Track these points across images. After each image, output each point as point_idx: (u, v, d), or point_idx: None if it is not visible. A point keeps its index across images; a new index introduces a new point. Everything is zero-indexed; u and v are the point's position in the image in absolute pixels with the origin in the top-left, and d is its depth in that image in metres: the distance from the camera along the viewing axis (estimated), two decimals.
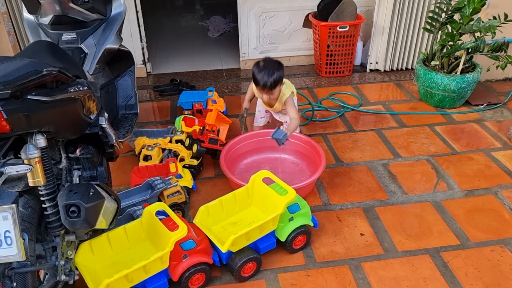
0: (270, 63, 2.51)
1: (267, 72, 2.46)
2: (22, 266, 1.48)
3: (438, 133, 3.10)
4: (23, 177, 1.55)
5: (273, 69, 2.46)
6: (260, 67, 2.49)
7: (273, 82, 2.47)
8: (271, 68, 2.47)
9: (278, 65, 2.51)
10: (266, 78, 2.46)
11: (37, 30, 2.43)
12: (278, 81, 2.49)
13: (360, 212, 2.38)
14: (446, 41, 3.21)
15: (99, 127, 1.99)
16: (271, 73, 2.46)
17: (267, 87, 2.49)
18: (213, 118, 2.81)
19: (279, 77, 2.48)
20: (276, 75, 2.47)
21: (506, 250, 2.13)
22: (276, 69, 2.48)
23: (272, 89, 2.51)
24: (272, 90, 2.52)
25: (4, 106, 1.32)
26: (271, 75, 2.46)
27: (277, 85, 2.50)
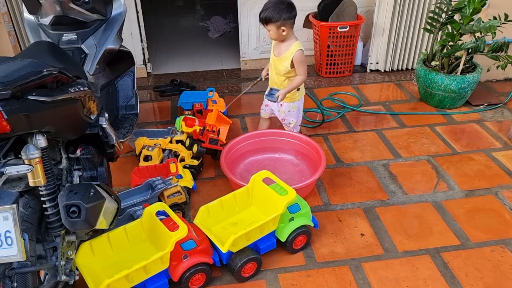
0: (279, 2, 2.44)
1: (266, 6, 2.44)
2: (22, 266, 1.48)
3: (439, 133, 3.10)
4: (23, 178, 1.55)
5: (274, 7, 2.41)
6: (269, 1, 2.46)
7: (264, 19, 2.44)
8: (274, 5, 2.42)
9: (284, 7, 2.42)
10: (263, 12, 2.44)
11: (38, 30, 2.43)
12: (268, 19, 2.43)
13: (361, 213, 2.38)
14: (447, 41, 3.21)
15: (99, 127, 1.99)
16: (266, 8, 2.43)
17: (260, 20, 2.47)
18: (213, 119, 2.80)
19: (271, 16, 2.41)
20: (270, 13, 2.41)
21: (506, 251, 2.13)
22: (276, 9, 2.41)
23: (264, 24, 2.47)
24: (268, 26, 2.46)
25: (5, 107, 1.33)
26: (265, 11, 2.42)
27: (268, 23, 2.45)
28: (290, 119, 2.74)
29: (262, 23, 2.49)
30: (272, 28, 2.47)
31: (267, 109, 2.84)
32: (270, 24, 2.45)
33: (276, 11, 2.41)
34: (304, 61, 2.55)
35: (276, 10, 2.42)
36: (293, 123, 2.76)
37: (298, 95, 2.67)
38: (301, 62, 2.53)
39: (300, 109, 2.74)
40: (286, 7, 2.43)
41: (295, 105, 2.70)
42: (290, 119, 2.74)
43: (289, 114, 2.72)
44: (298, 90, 2.65)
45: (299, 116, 2.77)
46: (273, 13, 2.41)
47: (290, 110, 2.71)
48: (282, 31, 2.47)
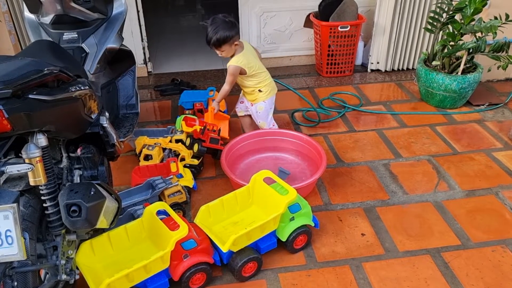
0: (220, 21, 2.52)
1: (213, 30, 2.50)
2: (23, 265, 1.48)
3: (439, 133, 3.10)
4: (24, 177, 1.55)
5: (219, 28, 2.49)
6: (209, 22, 2.54)
7: (216, 41, 2.51)
8: (218, 26, 2.50)
9: (229, 25, 2.52)
10: (210, 35, 2.51)
11: (38, 29, 2.43)
12: (222, 40, 2.51)
13: (361, 212, 2.38)
14: (447, 41, 3.21)
15: (100, 126, 1.99)
16: (216, 31, 2.49)
17: (211, 44, 2.54)
18: (211, 117, 2.81)
19: (223, 37, 2.50)
20: (221, 34, 2.49)
21: (507, 251, 2.12)
22: (223, 28, 2.49)
23: (217, 47, 2.55)
24: (219, 48, 2.56)
25: (5, 106, 1.33)
26: (215, 33, 2.49)
27: (221, 44, 2.53)
28: (258, 120, 2.85)
29: (216, 46, 2.55)
30: (226, 47, 2.56)
31: (241, 106, 2.93)
32: (225, 44, 2.54)
33: (227, 30, 2.50)
34: (232, 75, 2.65)
35: (226, 29, 2.51)
36: (262, 124, 2.84)
37: (260, 96, 2.76)
38: (229, 74, 2.66)
39: (267, 111, 2.81)
40: (231, 23, 2.55)
41: (261, 105, 2.78)
42: (258, 120, 2.84)
43: (257, 115, 2.83)
44: (260, 91, 2.75)
45: (268, 118, 2.84)
46: (226, 32, 2.50)
47: (258, 111, 2.80)
48: (235, 45, 2.59)
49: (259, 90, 2.73)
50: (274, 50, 4.11)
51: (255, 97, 2.76)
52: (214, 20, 2.54)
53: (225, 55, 2.63)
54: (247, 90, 2.78)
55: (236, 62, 2.61)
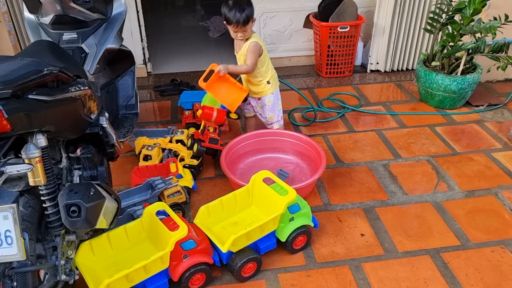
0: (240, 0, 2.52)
1: (238, 9, 2.48)
2: (22, 265, 1.48)
3: (439, 133, 3.10)
4: (23, 177, 1.55)
5: (243, 5, 2.49)
6: (230, 5, 2.51)
7: (246, 18, 2.49)
8: (241, 4, 2.49)
9: (248, 1, 2.53)
10: (238, 15, 2.48)
11: (38, 29, 2.43)
12: (250, 15, 2.51)
13: (361, 213, 2.38)
14: (447, 42, 3.21)
15: (99, 127, 1.98)
16: (242, 9, 2.48)
17: (241, 23, 2.49)
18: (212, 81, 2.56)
19: (250, 12, 2.51)
20: (248, 10, 2.49)
21: (506, 251, 2.13)
22: (246, 4, 2.50)
23: (246, 24, 2.51)
24: (246, 26, 2.52)
25: (5, 106, 1.32)
26: (243, 11, 2.48)
27: (249, 20, 2.52)
28: (267, 113, 2.80)
29: (243, 24, 2.51)
30: (250, 25, 2.54)
31: (249, 108, 2.90)
32: (249, 21, 2.52)
33: (247, 6, 2.49)
34: (254, 52, 2.58)
35: (248, 5, 2.50)
36: (271, 117, 2.81)
37: (268, 88, 2.73)
38: (251, 52, 2.58)
39: (275, 103, 2.78)
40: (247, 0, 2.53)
41: (270, 98, 2.75)
42: (267, 113, 2.80)
43: (265, 109, 2.79)
44: (268, 83, 2.71)
45: (277, 110, 2.81)
46: (248, 9, 2.50)
47: (266, 104, 2.77)
48: (253, 24, 2.57)
49: (267, 82, 2.70)
50: (274, 51, 4.12)
51: (262, 89, 2.72)
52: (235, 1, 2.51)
53: (246, 35, 2.58)
54: (255, 80, 2.70)
55: (256, 38, 2.60)
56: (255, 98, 2.80)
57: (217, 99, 2.67)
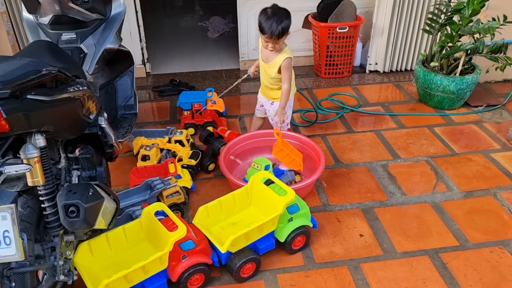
0: (279, 10, 2.43)
1: (275, 20, 2.36)
2: (20, 266, 1.48)
3: (437, 134, 3.10)
4: (22, 177, 1.55)
5: (282, 17, 2.38)
6: (269, 14, 2.40)
7: (282, 30, 2.38)
8: (280, 15, 2.38)
9: (287, 13, 2.43)
10: (274, 26, 2.36)
11: (37, 29, 2.43)
12: (286, 29, 2.41)
13: (359, 213, 2.38)
14: (446, 43, 3.22)
15: (98, 127, 1.98)
16: (280, 20, 2.37)
17: (275, 35, 2.38)
18: (280, 145, 2.54)
19: (287, 26, 2.40)
20: (285, 23, 2.38)
21: (505, 251, 2.13)
22: (285, 16, 2.40)
23: (280, 37, 2.41)
24: (279, 39, 2.42)
25: (4, 106, 1.32)
26: (280, 23, 2.36)
27: (284, 34, 2.42)
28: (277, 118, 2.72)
29: (277, 37, 2.40)
30: (284, 38, 2.45)
31: (261, 109, 2.87)
32: (285, 34, 2.42)
33: (285, 18, 2.39)
34: (289, 68, 2.54)
35: (284, 17, 2.39)
36: None
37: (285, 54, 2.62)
38: (286, 68, 2.53)
39: (289, 108, 2.76)
40: (288, 12, 2.44)
41: None
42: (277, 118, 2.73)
43: None
44: None
45: (289, 115, 2.79)
46: (286, 21, 2.39)
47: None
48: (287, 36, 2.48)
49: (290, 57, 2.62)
50: None
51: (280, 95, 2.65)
52: (273, 10, 2.41)
53: (277, 47, 2.49)
54: (275, 86, 2.66)
55: (289, 53, 2.52)
56: (269, 101, 2.75)
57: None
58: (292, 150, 2.55)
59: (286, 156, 2.51)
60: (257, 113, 2.90)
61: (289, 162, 2.52)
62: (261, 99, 2.82)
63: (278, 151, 2.52)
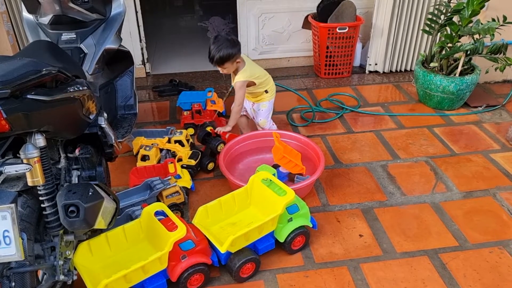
0: (223, 39, 2.53)
1: (216, 48, 2.50)
2: (20, 266, 1.48)
3: (437, 134, 3.10)
4: (22, 177, 1.55)
5: (222, 46, 2.50)
6: (213, 41, 2.54)
7: (219, 59, 2.52)
8: (221, 44, 2.50)
9: (231, 43, 2.53)
10: (213, 53, 2.52)
11: (37, 29, 2.43)
12: (225, 58, 2.52)
13: (359, 213, 2.38)
14: (445, 43, 3.22)
15: (98, 127, 1.98)
16: (219, 49, 2.49)
17: (214, 61, 2.55)
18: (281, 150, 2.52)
19: (226, 55, 2.51)
20: (223, 52, 2.50)
21: (504, 252, 2.13)
22: (226, 46, 2.50)
23: (220, 64, 2.56)
24: (221, 66, 2.57)
25: (4, 106, 1.32)
26: (219, 51, 2.50)
27: (224, 62, 2.54)
28: (259, 118, 2.86)
29: (218, 63, 2.56)
30: (228, 65, 2.57)
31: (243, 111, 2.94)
32: (227, 62, 2.55)
33: (230, 48, 2.51)
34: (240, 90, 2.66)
35: (229, 47, 2.51)
36: (263, 122, 2.86)
37: (266, 96, 2.80)
38: (237, 89, 2.67)
39: (269, 110, 2.85)
40: (233, 41, 2.56)
41: (265, 104, 2.82)
42: (259, 118, 2.86)
43: (259, 113, 2.84)
44: (266, 92, 2.79)
45: (269, 117, 2.87)
46: (228, 50, 2.51)
47: (261, 108, 2.83)
48: (237, 63, 2.60)
49: (265, 91, 2.77)
50: (272, 52, 4.12)
51: (261, 97, 2.80)
52: (216, 38, 2.55)
53: (226, 72, 2.65)
54: (253, 95, 2.81)
55: (243, 77, 2.64)
56: (250, 102, 2.86)
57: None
58: (290, 151, 2.55)
59: (288, 162, 2.53)
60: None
61: (291, 167, 2.53)
62: None
63: (280, 158, 2.52)
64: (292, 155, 2.54)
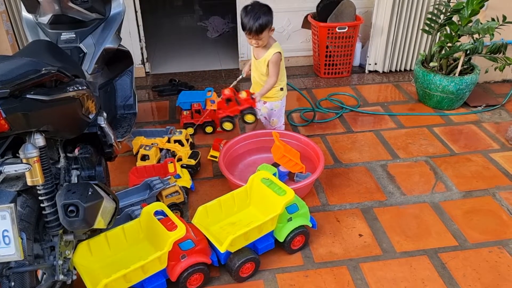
0: (258, 6, 2.44)
1: (253, 16, 2.39)
2: (20, 265, 1.48)
3: (437, 134, 3.10)
4: (21, 177, 1.55)
5: (259, 13, 2.39)
6: (247, 10, 2.43)
7: (259, 27, 2.39)
8: (257, 11, 2.40)
9: (267, 9, 2.44)
10: (252, 22, 2.38)
11: (36, 29, 2.42)
12: (264, 25, 2.41)
13: (359, 213, 2.39)
14: (445, 43, 3.22)
15: (97, 126, 1.98)
16: (257, 17, 2.39)
17: (253, 31, 2.41)
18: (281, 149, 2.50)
19: (266, 22, 2.41)
20: (263, 19, 2.39)
21: (504, 251, 2.13)
22: (263, 13, 2.41)
23: (259, 33, 2.42)
24: (259, 35, 2.43)
25: (3, 105, 1.32)
26: (257, 19, 2.38)
27: (263, 30, 2.42)
28: (271, 118, 2.79)
29: (255, 33, 2.43)
30: (265, 34, 2.46)
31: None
32: (265, 30, 2.43)
33: (263, 14, 2.40)
34: (277, 63, 2.54)
35: (267, 13, 2.42)
36: (275, 122, 2.81)
37: (280, 94, 2.71)
38: (274, 63, 2.53)
39: (282, 109, 2.78)
40: (268, 7, 2.46)
41: (277, 104, 2.74)
42: (272, 118, 2.79)
43: (271, 113, 2.78)
44: (281, 90, 2.70)
45: (281, 116, 2.82)
46: (263, 17, 2.40)
47: (273, 108, 2.76)
48: (272, 31, 2.50)
49: (280, 89, 2.68)
50: None
51: (274, 94, 2.68)
52: (249, 7, 2.43)
53: (261, 43, 2.49)
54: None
55: (278, 48, 2.53)
56: (261, 100, 2.73)
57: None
58: (289, 150, 2.55)
59: (288, 161, 2.53)
60: None
61: (291, 166, 2.53)
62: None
63: (279, 157, 2.52)
64: (291, 154, 2.54)
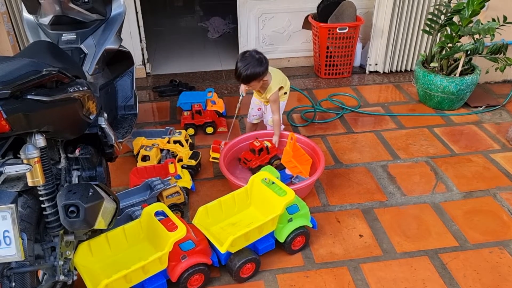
0: (251, 56, 2.50)
1: (244, 66, 2.48)
2: (20, 266, 1.48)
3: (437, 134, 3.10)
4: (22, 177, 1.55)
5: (250, 65, 2.47)
6: (242, 58, 2.51)
7: (246, 77, 2.50)
8: (249, 62, 2.47)
9: (259, 62, 2.50)
10: (241, 71, 2.49)
11: (37, 30, 2.43)
12: (252, 77, 2.50)
13: (359, 214, 2.39)
14: (445, 43, 3.22)
15: (98, 127, 1.99)
16: (247, 68, 2.47)
17: (240, 79, 2.53)
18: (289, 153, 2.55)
19: (254, 74, 2.48)
20: (251, 71, 2.47)
21: (504, 252, 2.13)
22: (254, 66, 2.47)
23: (246, 83, 2.55)
24: (248, 83, 2.55)
25: (4, 106, 1.32)
26: (246, 70, 2.47)
27: (251, 81, 2.52)
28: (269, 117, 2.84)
29: (244, 82, 2.55)
30: (254, 83, 2.55)
31: (258, 113, 2.92)
32: (253, 81, 2.53)
33: (257, 66, 2.48)
34: (276, 101, 2.66)
35: (257, 66, 2.49)
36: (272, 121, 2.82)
37: (285, 97, 2.81)
38: (274, 102, 2.65)
39: (282, 109, 2.84)
40: (261, 59, 2.51)
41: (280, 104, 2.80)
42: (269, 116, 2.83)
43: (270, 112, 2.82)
44: (285, 94, 2.79)
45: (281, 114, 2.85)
46: (252, 70, 2.47)
47: None
48: (264, 81, 2.58)
49: (284, 93, 2.77)
50: (273, 52, 4.12)
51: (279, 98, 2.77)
52: (244, 56, 2.51)
53: (252, 88, 2.65)
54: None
55: (275, 87, 2.63)
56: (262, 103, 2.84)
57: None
58: (301, 155, 2.58)
59: (293, 167, 2.54)
60: (253, 119, 2.95)
61: (297, 173, 2.54)
62: (258, 101, 2.87)
63: (287, 161, 2.53)
64: (302, 160, 2.56)
